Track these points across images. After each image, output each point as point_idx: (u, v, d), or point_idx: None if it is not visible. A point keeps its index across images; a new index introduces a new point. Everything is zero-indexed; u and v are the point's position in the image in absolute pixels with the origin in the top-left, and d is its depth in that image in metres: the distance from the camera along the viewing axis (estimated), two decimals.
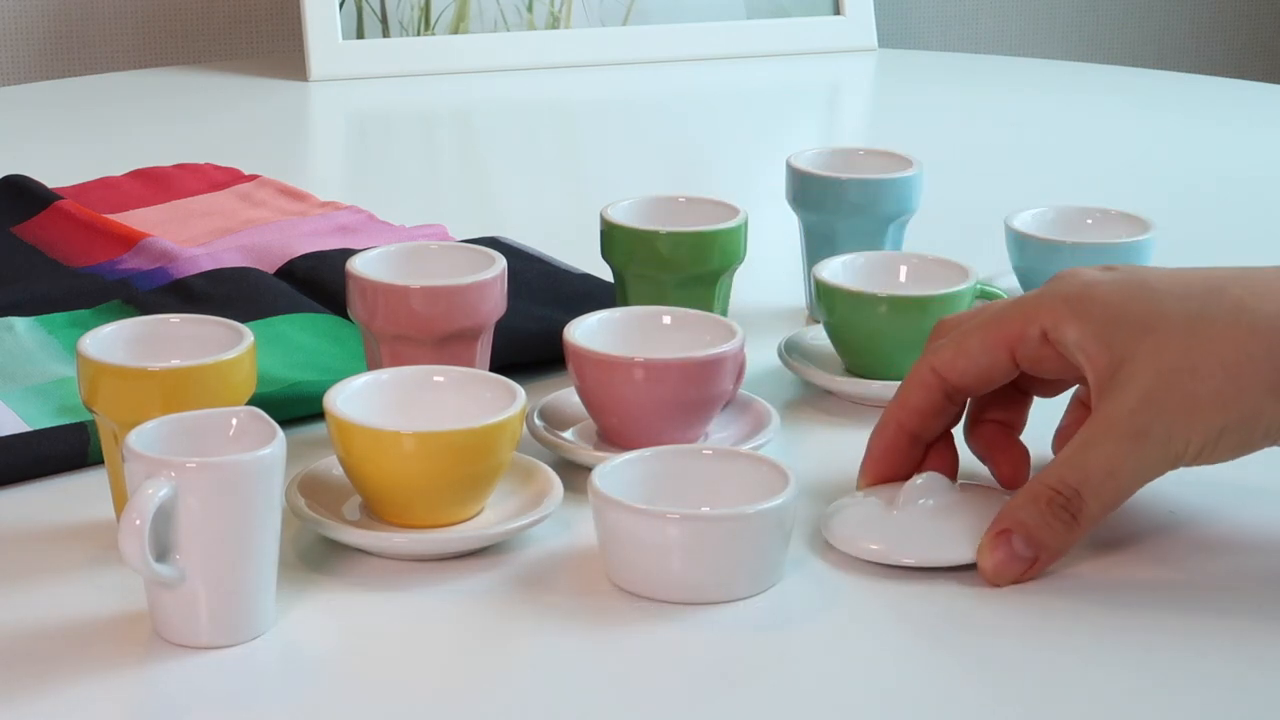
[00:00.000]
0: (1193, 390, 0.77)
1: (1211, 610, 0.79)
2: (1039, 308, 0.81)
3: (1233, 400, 0.77)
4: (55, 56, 1.87)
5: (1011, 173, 1.50)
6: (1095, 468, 0.79)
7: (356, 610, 0.79)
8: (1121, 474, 0.79)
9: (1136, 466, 0.78)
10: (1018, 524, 0.79)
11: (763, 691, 0.73)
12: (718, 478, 0.83)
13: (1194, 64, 2.24)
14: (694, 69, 1.81)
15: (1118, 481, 0.79)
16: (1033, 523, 0.79)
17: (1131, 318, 0.79)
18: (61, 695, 0.72)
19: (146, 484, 0.72)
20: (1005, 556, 0.79)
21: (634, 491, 0.80)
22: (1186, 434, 0.77)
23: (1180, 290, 0.79)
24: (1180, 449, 0.78)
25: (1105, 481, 0.79)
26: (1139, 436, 0.78)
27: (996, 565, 0.79)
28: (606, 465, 0.81)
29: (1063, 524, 0.79)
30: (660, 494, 0.81)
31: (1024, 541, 0.79)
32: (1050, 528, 0.79)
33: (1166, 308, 0.79)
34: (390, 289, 0.92)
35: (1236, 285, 0.79)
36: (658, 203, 1.06)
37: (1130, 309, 0.79)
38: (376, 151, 1.68)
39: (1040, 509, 0.79)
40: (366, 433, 0.81)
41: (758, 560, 0.79)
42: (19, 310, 1.07)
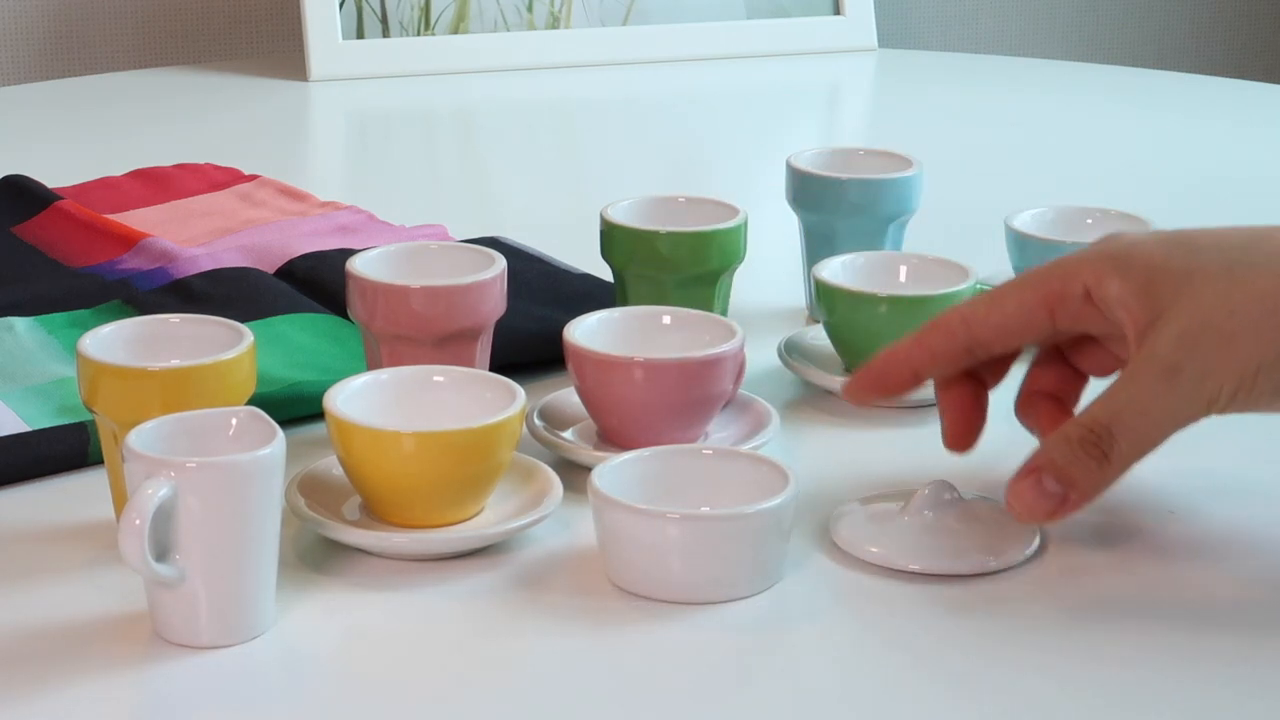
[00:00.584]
0: (1228, 328, 0.76)
1: (1212, 609, 0.79)
2: (1082, 265, 0.81)
3: (1269, 337, 0.76)
4: (55, 56, 1.87)
5: (1011, 173, 1.50)
6: (1127, 406, 0.77)
7: (356, 610, 0.79)
8: (1154, 412, 0.77)
9: (1170, 405, 0.77)
10: (1048, 462, 0.78)
11: (763, 691, 0.73)
12: (718, 478, 0.83)
13: (1194, 64, 2.24)
14: (694, 69, 1.81)
15: (1150, 420, 0.77)
16: (1063, 460, 0.78)
17: (1172, 270, 0.78)
18: (61, 695, 0.72)
19: (146, 484, 0.72)
20: (1035, 494, 0.78)
21: (634, 491, 0.80)
22: (1222, 372, 0.76)
23: (1221, 242, 0.79)
24: (1215, 389, 0.77)
25: (1138, 419, 0.77)
26: (1173, 374, 0.77)
27: (1026, 503, 0.78)
28: (606, 465, 0.81)
29: (1095, 461, 0.77)
30: (660, 494, 0.81)
31: (1054, 479, 0.78)
32: (1082, 464, 0.78)
33: (1206, 259, 0.78)
34: (390, 289, 0.92)
35: (1271, 237, 0.79)
36: (658, 203, 1.06)
37: (1171, 263, 0.79)
38: (376, 151, 1.68)
39: (1071, 447, 0.78)
40: (366, 433, 0.81)
41: (757, 560, 0.79)
42: (19, 310, 1.07)
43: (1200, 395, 0.77)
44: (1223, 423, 0.97)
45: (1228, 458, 0.94)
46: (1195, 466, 0.93)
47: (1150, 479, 0.92)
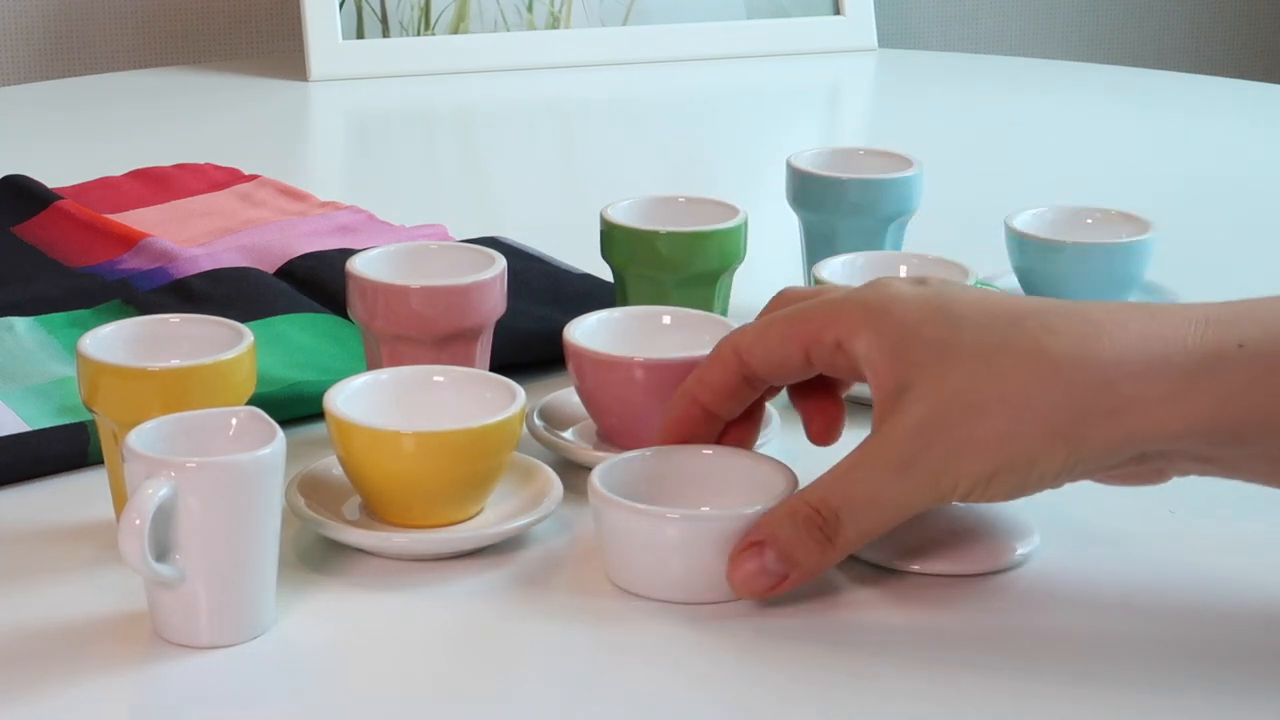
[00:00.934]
0: (969, 429, 0.74)
1: (1213, 609, 0.79)
2: (838, 313, 0.78)
3: (1008, 442, 0.73)
4: (55, 56, 1.87)
5: (1011, 173, 1.50)
6: (858, 494, 0.75)
7: (356, 610, 0.79)
8: (883, 503, 0.75)
9: (899, 498, 0.75)
10: (773, 538, 0.76)
11: (763, 691, 0.73)
12: (718, 477, 0.83)
13: (1194, 64, 2.24)
14: (694, 69, 1.81)
15: (879, 509, 0.76)
16: (787, 539, 0.76)
17: (924, 341, 0.75)
18: (61, 695, 0.72)
19: (146, 484, 0.72)
20: (756, 569, 0.76)
21: (634, 491, 0.80)
22: (956, 472, 0.74)
23: (981, 319, 0.75)
24: (949, 486, 0.75)
25: (866, 509, 0.76)
26: (905, 468, 0.74)
27: (745, 577, 0.76)
28: (606, 465, 0.81)
29: (818, 545, 0.76)
30: (660, 493, 0.81)
31: (776, 557, 0.76)
32: (805, 547, 0.76)
33: (962, 336, 0.75)
34: (390, 289, 0.92)
35: (1036, 319, 0.74)
36: (658, 203, 1.06)
37: (924, 331, 0.75)
38: (376, 151, 1.68)
39: (797, 527, 0.76)
40: (366, 433, 0.81)
41: None
42: (19, 310, 1.07)
43: (933, 490, 0.75)
44: None
45: None
46: None
47: None
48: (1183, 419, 0.73)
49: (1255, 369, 0.73)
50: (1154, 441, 0.74)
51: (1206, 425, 0.73)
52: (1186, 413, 0.73)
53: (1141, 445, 0.74)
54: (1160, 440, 0.74)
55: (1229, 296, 0.76)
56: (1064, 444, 0.73)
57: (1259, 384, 0.73)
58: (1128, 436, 0.73)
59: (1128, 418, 0.73)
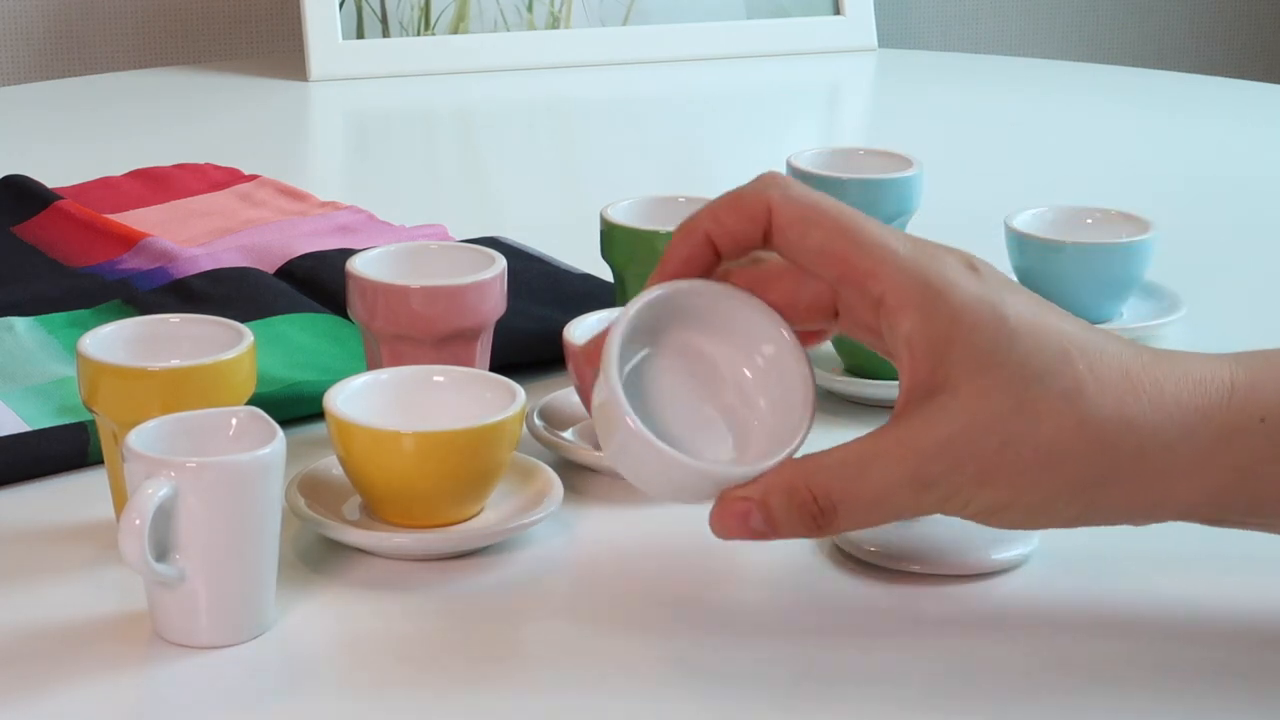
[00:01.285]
0: (998, 462, 0.72)
1: (1213, 609, 0.79)
2: (894, 274, 0.74)
3: (1031, 488, 0.73)
4: (55, 56, 1.88)
5: (1011, 173, 1.50)
6: (864, 494, 0.74)
7: (356, 610, 0.79)
8: (886, 508, 0.74)
9: (906, 507, 0.74)
10: (764, 506, 0.74)
11: (762, 691, 0.73)
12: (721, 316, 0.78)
13: (1194, 64, 2.24)
14: (694, 69, 1.81)
15: (880, 513, 0.74)
16: (778, 514, 0.74)
17: (973, 347, 0.73)
18: (61, 695, 0.72)
19: (146, 484, 0.72)
20: (738, 524, 0.75)
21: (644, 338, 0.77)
22: (972, 497, 0.73)
23: (1032, 341, 0.73)
24: (958, 505, 0.73)
25: (868, 510, 0.74)
26: (924, 485, 0.73)
27: (727, 523, 0.75)
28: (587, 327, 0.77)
29: (806, 527, 0.74)
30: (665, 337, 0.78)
31: (763, 522, 0.74)
32: (792, 526, 0.74)
33: (1011, 355, 0.72)
34: (390, 289, 0.92)
35: (1084, 360, 0.73)
36: (658, 203, 1.06)
37: (975, 337, 0.72)
38: (376, 151, 1.68)
39: (792, 508, 0.74)
40: (366, 433, 0.81)
41: None
42: (19, 310, 1.07)
43: (941, 506, 0.74)
44: None
45: None
46: None
47: None
48: (1201, 490, 0.74)
49: (1274, 445, 0.73)
50: (1170, 510, 0.75)
51: (1222, 496, 0.74)
52: (1206, 484, 0.74)
53: (1156, 513, 0.75)
54: (1175, 510, 0.75)
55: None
56: (1083, 500, 0.74)
57: (1277, 460, 0.73)
58: (1147, 506, 0.74)
59: (1151, 488, 0.74)
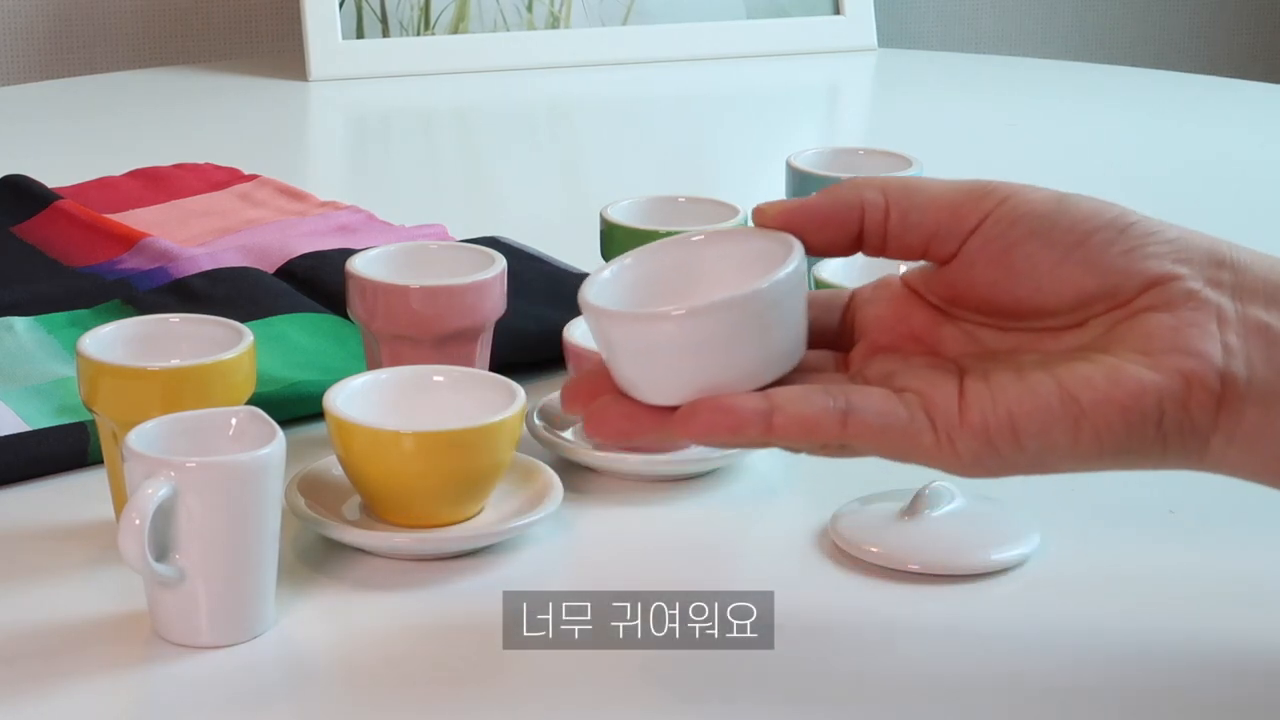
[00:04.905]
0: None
1: (1213, 610, 0.79)
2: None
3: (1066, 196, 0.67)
4: (55, 56, 1.87)
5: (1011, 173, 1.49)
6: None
7: (356, 610, 0.79)
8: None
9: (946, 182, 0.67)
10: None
11: (762, 691, 0.73)
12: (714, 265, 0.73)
13: (1194, 64, 2.24)
14: (694, 69, 1.81)
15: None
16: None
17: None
18: (61, 695, 0.72)
19: (146, 484, 0.72)
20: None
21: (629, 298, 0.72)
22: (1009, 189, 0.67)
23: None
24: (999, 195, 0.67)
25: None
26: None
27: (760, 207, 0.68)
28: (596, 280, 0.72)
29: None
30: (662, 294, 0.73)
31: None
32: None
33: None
34: (390, 289, 0.92)
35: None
36: (658, 203, 1.06)
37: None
38: (376, 151, 1.68)
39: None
40: (366, 432, 0.81)
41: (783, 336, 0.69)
42: (19, 310, 1.07)
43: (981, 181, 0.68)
44: None
45: None
46: None
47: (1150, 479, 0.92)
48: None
49: None
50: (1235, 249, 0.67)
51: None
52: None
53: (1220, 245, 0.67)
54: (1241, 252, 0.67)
55: None
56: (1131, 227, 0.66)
57: None
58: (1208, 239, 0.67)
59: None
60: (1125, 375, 0.64)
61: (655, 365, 0.69)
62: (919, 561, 0.81)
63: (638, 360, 0.69)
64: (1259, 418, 0.65)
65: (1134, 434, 0.64)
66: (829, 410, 0.65)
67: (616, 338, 0.69)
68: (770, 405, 0.66)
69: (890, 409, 0.65)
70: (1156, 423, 0.64)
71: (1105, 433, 0.64)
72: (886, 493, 0.86)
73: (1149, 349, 0.64)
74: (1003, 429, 0.64)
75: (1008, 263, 0.66)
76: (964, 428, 0.64)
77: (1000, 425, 0.64)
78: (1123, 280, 0.65)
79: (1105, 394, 0.64)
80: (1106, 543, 0.84)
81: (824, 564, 0.82)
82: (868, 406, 0.65)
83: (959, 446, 0.65)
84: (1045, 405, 0.64)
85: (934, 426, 0.65)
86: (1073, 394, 0.64)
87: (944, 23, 2.18)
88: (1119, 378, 0.64)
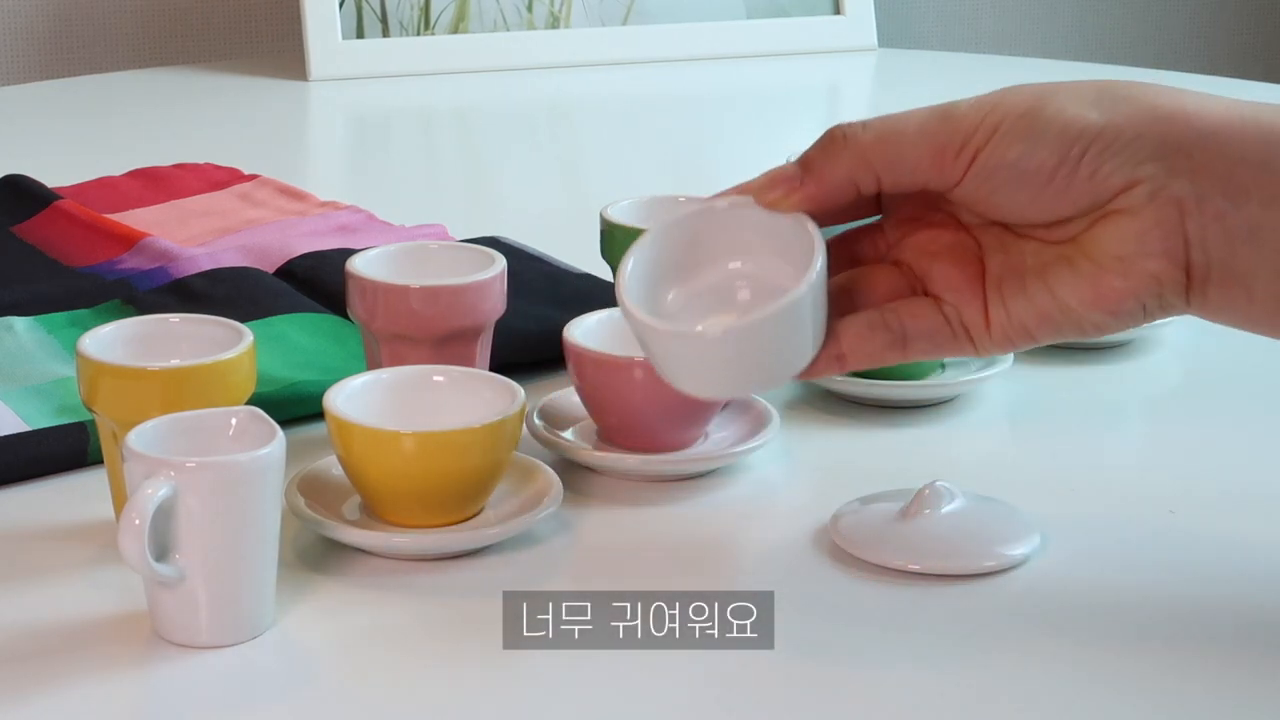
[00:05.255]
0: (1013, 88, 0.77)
1: (1213, 609, 0.79)
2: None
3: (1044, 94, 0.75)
4: (55, 56, 1.88)
5: None
6: (890, 118, 0.76)
7: (356, 610, 0.79)
8: (909, 119, 0.76)
9: (927, 118, 0.76)
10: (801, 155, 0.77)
11: (762, 692, 0.73)
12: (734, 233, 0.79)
13: (1194, 64, 2.24)
14: (694, 69, 1.81)
15: (901, 123, 0.76)
16: (809, 150, 0.77)
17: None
18: (61, 695, 0.72)
19: (146, 484, 0.72)
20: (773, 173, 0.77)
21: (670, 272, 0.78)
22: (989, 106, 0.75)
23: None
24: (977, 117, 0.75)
25: (888, 119, 0.76)
26: (945, 105, 0.77)
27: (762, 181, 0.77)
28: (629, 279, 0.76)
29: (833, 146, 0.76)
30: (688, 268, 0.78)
31: (797, 162, 0.77)
32: (819, 149, 0.76)
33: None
34: (390, 289, 0.92)
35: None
36: (658, 203, 1.06)
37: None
38: (376, 151, 1.68)
39: (817, 141, 0.77)
40: (366, 432, 0.81)
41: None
42: (19, 310, 1.07)
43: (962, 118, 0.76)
44: (1223, 424, 0.97)
45: (1228, 458, 0.94)
46: (1196, 467, 0.93)
47: (1150, 479, 0.92)
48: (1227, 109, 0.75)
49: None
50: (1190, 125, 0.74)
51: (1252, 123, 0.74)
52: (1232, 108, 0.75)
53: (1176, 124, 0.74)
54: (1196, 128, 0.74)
55: None
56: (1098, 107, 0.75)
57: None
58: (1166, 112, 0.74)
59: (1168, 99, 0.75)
60: (1105, 285, 0.75)
61: (697, 371, 0.75)
62: (919, 561, 0.81)
63: (679, 365, 0.75)
64: (1219, 294, 0.75)
65: (1124, 321, 0.76)
66: (890, 343, 0.77)
67: (657, 349, 0.75)
68: (840, 351, 0.77)
69: (937, 328, 0.78)
70: (1139, 311, 0.76)
71: (1101, 325, 0.76)
72: (886, 493, 0.86)
73: (1122, 254, 0.74)
74: (1020, 335, 0.77)
75: (994, 202, 0.76)
76: (991, 338, 0.77)
77: (1018, 333, 0.77)
78: (1094, 199, 0.75)
79: (1093, 301, 0.75)
80: (1106, 543, 0.84)
81: (824, 564, 0.82)
82: (920, 332, 0.78)
83: (990, 347, 0.78)
84: (1048, 315, 0.76)
85: (970, 336, 0.78)
86: (1067, 304, 0.76)
87: (944, 23, 2.18)
88: (1101, 288, 0.75)
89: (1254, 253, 0.74)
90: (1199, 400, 1.02)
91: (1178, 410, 1.00)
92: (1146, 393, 1.04)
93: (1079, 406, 0.86)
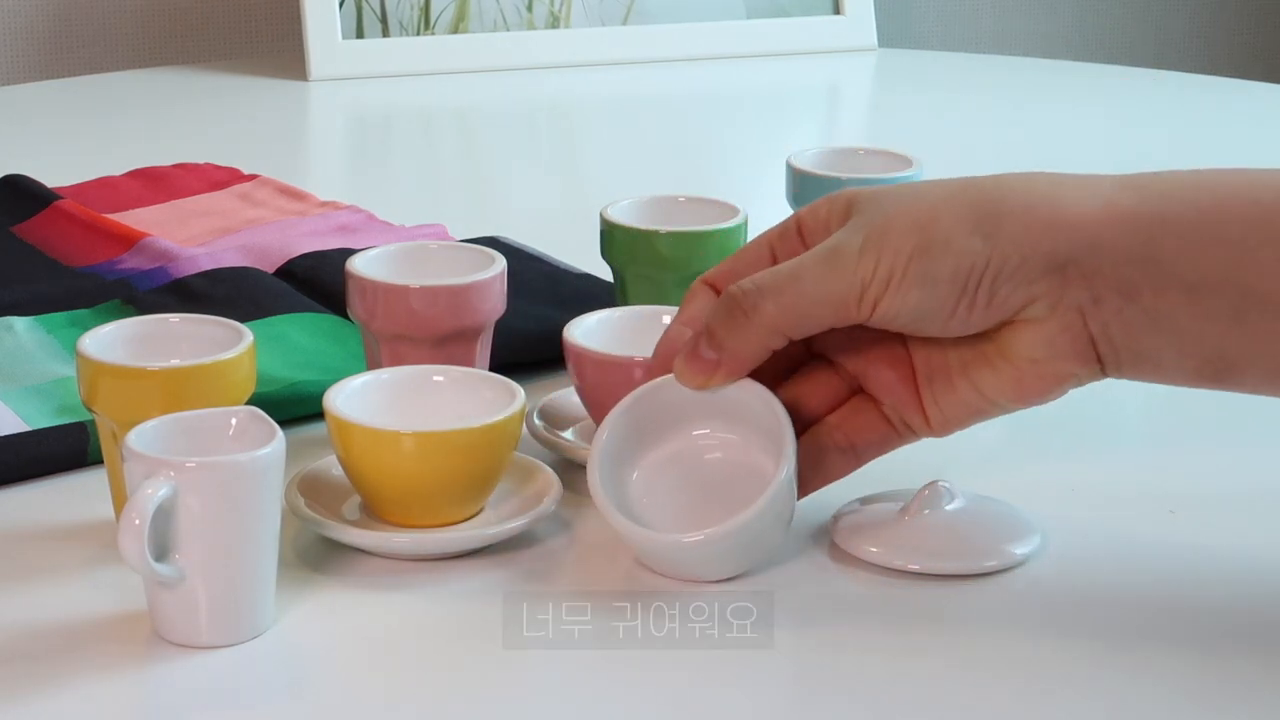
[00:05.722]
0: (895, 218, 0.78)
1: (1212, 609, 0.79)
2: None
3: (926, 226, 0.78)
4: (55, 56, 1.87)
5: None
6: (782, 272, 0.79)
7: (356, 610, 0.79)
8: (804, 280, 0.78)
9: (822, 275, 0.78)
10: (705, 327, 0.80)
11: (762, 692, 0.73)
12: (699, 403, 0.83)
13: (1194, 64, 2.24)
14: (694, 69, 1.81)
15: (798, 287, 0.79)
16: (714, 323, 0.80)
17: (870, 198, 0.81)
18: (61, 695, 0.72)
19: (146, 484, 0.72)
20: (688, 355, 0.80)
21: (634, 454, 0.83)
22: (877, 252, 0.78)
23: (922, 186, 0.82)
24: (868, 267, 0.78)
25: (786, 284, 0.79)
26: (833, 252, 0.78)
27: (680, 365, 0.81)
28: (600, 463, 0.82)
29: (736, 321, 0.79)
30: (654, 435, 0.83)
31: (708, 344, 0.80)
32: (725, 325, 0.79)
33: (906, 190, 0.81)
34: (390, 289, 0.92)
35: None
36: (658, 203, 1.06)
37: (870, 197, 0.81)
38: (376, 151, 1.68)
39: (718, 308, 0.80)
40: (366, 432, 0.81)
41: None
42: (19, 310, 1.07)
43: (851, 270, 0.78)
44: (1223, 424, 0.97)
45: (1228, 458, 0.94)
46: (1196, 467, 0.93)
47: (1150, 479, 0.92)
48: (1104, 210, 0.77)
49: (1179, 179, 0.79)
50: (1073, 238, 0.77)
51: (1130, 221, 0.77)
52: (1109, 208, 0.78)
53: (1059, 238, 0.77)
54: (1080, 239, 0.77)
55: None
56: (980, 232, 0.78)
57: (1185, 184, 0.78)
58: (1046, 226, 0.77)
59: (1045, 209, 0.78)
60: (1024, 384, 0.80)
61: (679, 566, 0.80)
62: (919, 561, 0.81)
63: (664, 562, 0.81)
64: (1133, 370, 0.80)
65: (1052, 400, 0.81)
66: (843, 462, 0.83)
67: (644, 550, 0.80)
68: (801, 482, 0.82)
69: (885, 435, 0.83)
70: (1064, 393, 0.81)
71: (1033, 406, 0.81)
72: (886, 493, 0.86)
73: (1035, 357, 0.79)
74: (958, 424, 0.82)
75: (905, 329, 0.80)
76: (933, 429, 0.83)
77: (956, 423, 0.82)
78: (999, 317, 0.79)
79: (1016, 396, 0.81)
80: (1106, 543, 0.84)
81: (824, 564, 0.82)
82: (869, 443, 0.83)
83: (936, 434, 0.83)
84: (980, 408, 0.82)
85: (914, 430, 0.83)
86: (995, 399, 0.81)
87: (944, 23, 2.18)
88: (1022, 386, 0.80)
89: (1156, 336, 0.78)
90: (1199, 400, 1.02)
91: (1178, 410, 1.00)
92: (1147, 392, 1.04)
93: (1079, 407, 0.86)
